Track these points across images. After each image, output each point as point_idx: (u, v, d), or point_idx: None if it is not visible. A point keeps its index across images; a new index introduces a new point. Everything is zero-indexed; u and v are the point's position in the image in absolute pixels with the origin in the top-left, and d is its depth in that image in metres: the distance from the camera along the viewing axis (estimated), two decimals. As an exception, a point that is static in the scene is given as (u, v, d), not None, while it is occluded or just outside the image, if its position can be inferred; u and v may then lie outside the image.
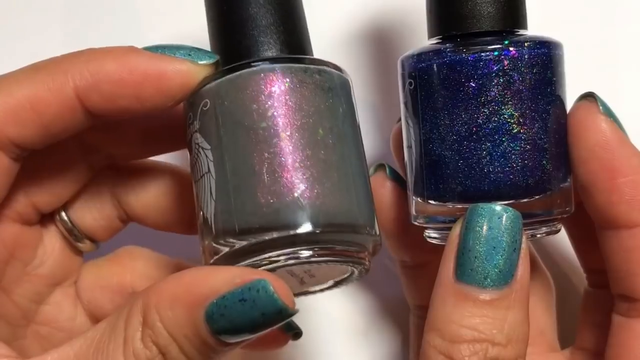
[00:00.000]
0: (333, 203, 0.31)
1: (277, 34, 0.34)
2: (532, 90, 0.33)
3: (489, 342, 0.31)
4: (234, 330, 0.30)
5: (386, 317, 0.46)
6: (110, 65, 0.32)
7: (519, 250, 0.32)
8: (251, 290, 0.29)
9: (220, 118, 0.32)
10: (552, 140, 0.34)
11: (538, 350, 0.40)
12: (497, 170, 0.33)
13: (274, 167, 0.31)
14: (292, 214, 0.31)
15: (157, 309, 0.30)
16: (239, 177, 0.32)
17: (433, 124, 0.34)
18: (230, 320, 0.30)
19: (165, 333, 0.30)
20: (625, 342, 0.35)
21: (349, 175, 0.32)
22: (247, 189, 0.31)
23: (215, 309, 0.30)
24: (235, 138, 0.32)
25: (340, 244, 0.32)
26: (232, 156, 0.32)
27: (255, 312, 0.29)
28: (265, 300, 0.29)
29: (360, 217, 0.32)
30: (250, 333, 0.30)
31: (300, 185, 0.31)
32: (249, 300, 0.29)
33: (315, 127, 0.32)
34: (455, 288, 0.32)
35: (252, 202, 0.31)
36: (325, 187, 0.31)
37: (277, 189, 0.31)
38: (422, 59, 0.34)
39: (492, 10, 0.34)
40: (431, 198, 0.35)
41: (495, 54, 0.33)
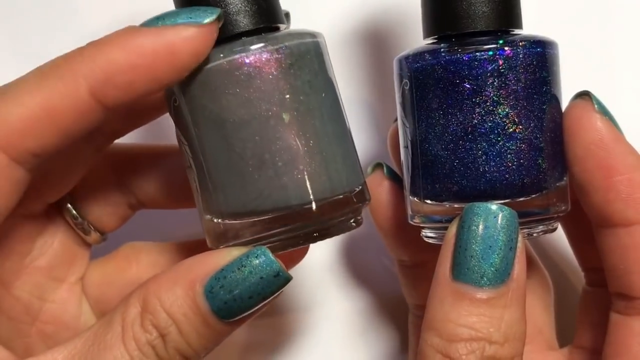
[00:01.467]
0: (317, 180, 0.32)
1: (235, 13, 0.32)
2: (527, 89, 0.33)
3: (486, 341, 0.31)
4: (233, 301, 0.31)
5: (385, 316, 0.46)
6: (119, 54, 0.31)
7: (515, 249, 0.32)
8: (249, 257, 0.31)
9: (189, 115, 0.32)
10: (548, 139, 0.34)
11: (536, 349, 0.40)
12: (492, 169, 0.33)
13: (247, 161, 0.31)
14: (277, 197, 0.32)
15: (156, 294, 0.31)
16: (215, 175, 0.32)
17: (429, 123, 0.34)
18: (229, 290, 0.31)
19: (164, 315, 0.31)
20: (622, 340, 0.35)
21: (323, 149, 0.32)
22: (225, 187, 0.32)
23: (214, 282, 0.31)
24: (205, 134, 0.32)
25: (337, 216, 0.33)
26: (205, 153, 0.32)
27: (254, 276, 0.31)
28: (264, 263, 0.31)
29: (347, 185, 0.33)
30: (249, 304, 0.31)
31: (275, 172, 0.32)
32: (247, 265, 0.31)
33: (279, 114, 0.32)
34: (452, 287, 0.32)
35: (233, 197, 0.32)
36: (303, 169, 0.32)
37: (252, 180, 0.32)
38: (417, 59, 0.34)
39: (487, 10, 0.34)
40: (427, 198, 0.35)
41: (490, 54, 0.33)
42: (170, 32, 0.31)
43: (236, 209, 0.32)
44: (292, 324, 0.45)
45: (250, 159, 0.32)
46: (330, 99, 0.33)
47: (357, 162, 0.34)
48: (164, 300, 0.31)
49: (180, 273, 0.32)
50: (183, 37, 0.31)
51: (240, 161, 0.32)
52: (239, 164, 0.32)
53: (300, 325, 0.45)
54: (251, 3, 0.32)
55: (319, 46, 0.33)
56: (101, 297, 0.40)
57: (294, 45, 0.32)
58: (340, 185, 0.33)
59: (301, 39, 0.32)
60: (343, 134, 0.34)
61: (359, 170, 0.34)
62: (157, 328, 0.31)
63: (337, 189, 0.33)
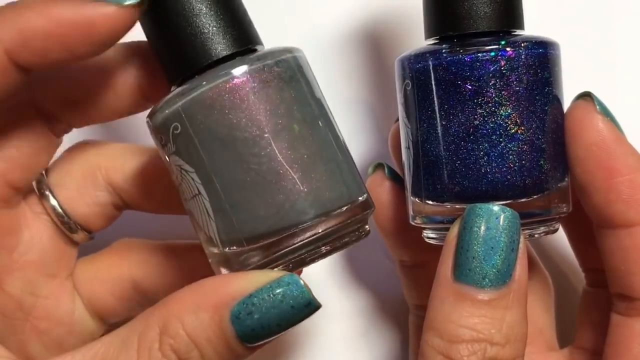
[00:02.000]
0: (327, 193, 0.32)
1: (223, 34, 0.33)
2: (529, 90, 0.33)
3: (488, 342, 0.31)
4: (260, 327, 0.30)
5: (385, 317, 0.46)
6: (36, 20, 0.31)
7: (517, 250, 0.32)
8: (281, 284, 0.30)
9: (196, 139, 0.32)
10: (550, 140, 0.34)
11: (537, 350, 0.40)
12: (494, 170, 0.33)
13: (263, 177, 0.31)
14: (294, 213, 0.31)
15: (179, 317, 0.30)
16: (232, 194, 0.32)
17: (430, 124, 0.34)
18: (259, 316, 0.30)
19: (187, 339, 0.30)
20: (623, 341, 0.35)
21: (331, 159, 0.33)
22: (243, 204, 0.32)
23: (242, 307, 0.30)
24: (217, 155, 0.32)
25: (344, 228, 0.33)
26: (219, 174, 0.32)
27: (285, 304, 0.30)
28: (296, 291, 0.30)
29: (353, 194, 0.33)
30: (277, 330, 0.31)
31: (292, 186, 0.31)
32: (279, 293, 0.30)
33: (290, 125, 0.32)
34: (453, 288, 0.32)
35: (251, 215, 0.31)
36: (315, 180, 0.32)
37: (271, 196, 0.31)
38: (419, 60, 0.34)
39: (488, 10, 0.34)
40: (429, 198, 0.35)
41: (492, 55, 0.33)
42: (90, 6, 0.31)
43: (255, 227, 0.32)
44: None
45: (267, 173, 0.31)
46: (326, 110, 0.34)
47: (358, 172, 0.34)
48: (187, 324, 0.30)
49: (205, 296, 0.31)
50: (102, 13, 0.31)
51: (257, 177, 0.31)
52: (256, 179, 0.31)
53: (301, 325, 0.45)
54: (237, 25, 0.33)
55: (303, 60, 0.34)
56: (93, 294, 0.40)
57: (289, 58, 0.33)
58: (350, 193, 0.33)
59: (292, 53, 0.33)
60: (343, 143, 0.34)
61: (360, 179, 0.34)
62: (176, 352, 0.30)
63: (349, 197, 0.33)
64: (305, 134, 0.32)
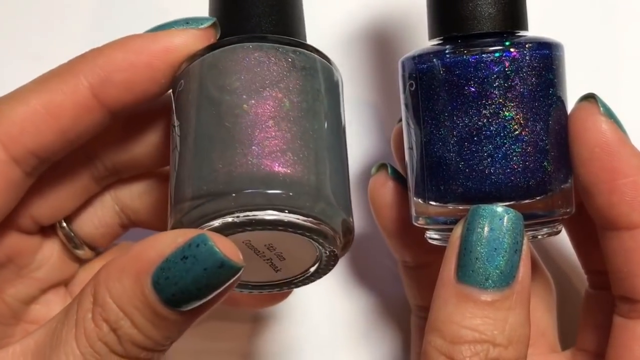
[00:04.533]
0: (292, 173, 0.31)
1: (266, 17, 0.34)
2: (533, 91, 0.33)
3: (490, 343, 0.31)
4: (181, 293, 0.29)
5: (387, 318, 0.46)
6: (118, 54, 0.32)
7: (520, 251, 0.32)
8: (191, 247, 0.29)
9: (190, 95, 0.32)
10: (553, 142, 0.34)
11: (539, 352, 0.40)
12: (498, 171, 0.33)
13: (232, 135, 0.31)
14: (248, 180, 0.31)
15: (105, 284, 0.30)
16: (198, 146, 0.31)
17: (434, 125, 0.34)
18: (175, 282, 0.29)
19: (115, 307, 0.30)
20: (626, 344, 0.35)
21: (314, 149, 0.32)
22: (203, 156, 0.31)
23: (160, 273, 0.29)
24: (200, 111, 0.32)
25: (297, 210, 0.31)
26: (195, 128, 0.32)
27: (197, 268, 0.29)
28: (205, 253, 0.29)
29: (323, 190, 0.32)
30: (198, 295, 0.29)
31: (258, 153, 0.31)
32: (189, 257, 0.29)
33: (281, 100, 0.32)
34: (456, 289, 0.32)
35: (207, 168, 0.31)
36: (285, 158, 0.31)
37: (232, 156, 0.31)
38: (423, 60, 0.34)
39: (492, 11, 0.34)
40: (432, 199, 0.35)
41: (497, 55, 0.33)
42: (168, 34, 0.33)
43: (203, 184, 0.31)
44: (295, 325, 0.45)
45: (237, 132, 0.31)
46: (335, 129, 0.33)
47: (349, 200, 0.33)
48: (113, 292, 0.29)
49: (129, 261, 0.30)
50: (181, 39, 0.33)
51: (227, 134, 0.31)
52: (226, 136, 0.31)
53: (302, 325, 0.45)
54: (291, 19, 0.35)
55: (336, 79, 0.35)
56: None
57: (317, 59, 0.34)
58: (324, 209, 0.31)
59: (327, 62, 0.34)
60: (341, 164, 0.33)
61: (348, 205, 0.33)
62: (107, 322, 0.30)
63: (320, 210, 0.31)
64: (295, 116, 0.32)
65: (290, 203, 0.31)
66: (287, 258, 0.33)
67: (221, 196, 0.31)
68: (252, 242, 0.32)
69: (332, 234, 0.32)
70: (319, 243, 0.32)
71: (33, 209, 0.36)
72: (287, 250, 0.33)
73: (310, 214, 0.31)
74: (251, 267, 0.32)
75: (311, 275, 0.34)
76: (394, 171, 0.39)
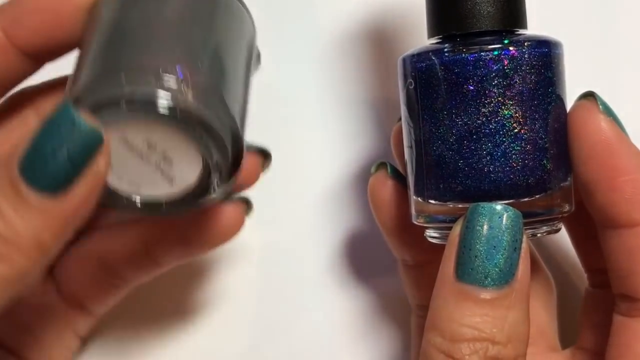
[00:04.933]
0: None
1: None
2: (532, 90, 0.33)
3: (489, 341, 0.31)
4: (41, 160, 0.28)
5: (387, 317, 0.46)
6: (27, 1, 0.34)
7: (520, 249, 0.32)
8: (51, 114, 0.28)
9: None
10: (553, 140, 0.34)
11: (539, 350, 0.40)
12: (497, 169, 0.33)
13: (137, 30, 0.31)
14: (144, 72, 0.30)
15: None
16: (109, 42, 0.32)
17: (433, 123, 0.34)
18: (35, 148, 0.28)
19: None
20: (626, 342, 0.35)
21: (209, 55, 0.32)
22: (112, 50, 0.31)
23: (28, 150, 0.28)
24: (130, 9, 0.33)
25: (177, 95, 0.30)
26: (116, 24, 0.32)
27: (50, 126, 0.28)
28: (58, 111, 0.28)
29: (213, 94, 0.30)
30: (53, 162, 0.28)
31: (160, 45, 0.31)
32: (47, 121, 0.28)
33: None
34: (455, 287, 0.32)
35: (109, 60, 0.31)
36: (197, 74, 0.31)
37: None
38: (421, 59, 0.34)
39: (491, 9, 0.34)
40: (431, 198, 0.35)
41: (495, 54, 0.33)
42: None
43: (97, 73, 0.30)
44: (293, 324, 0.45)
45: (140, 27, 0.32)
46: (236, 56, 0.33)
47: (242, 117, 0.32)
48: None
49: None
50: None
51: (138, 29, 0.32)
52: (136, 31, 0.32)
53: (301, 324, 0.45)
54: None
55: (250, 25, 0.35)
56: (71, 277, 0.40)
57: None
58: (212, 96, 0.30)
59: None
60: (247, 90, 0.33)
61: (241, 119, 0.32)
62: None
63: (207, 98, 0.30)
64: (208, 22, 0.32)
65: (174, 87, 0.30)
66: (175, 162, 0.31)
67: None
68: (129, 139, 0.31)
69: (214, 127, 0.30)
70: (200, 140, 0.30)
71: None
72: (170, 150, 0.31)
73: (189, 101, 0.30)
74: (140, 171, 0.31)
75: (207, 187, 0.32)
76: (393, 170, 0.39)
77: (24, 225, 0.28)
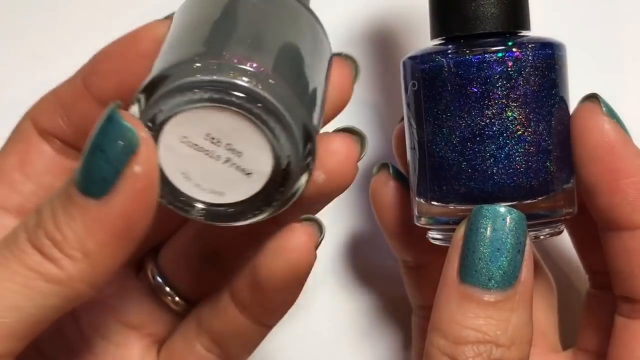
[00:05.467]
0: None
1: None
2: (536, 91, 0.33)
3: (493, 344, 0.31)
4: (88, 163, 0.27)
5: (388, 318, 0.46)
6: (108, 47, 0.35)
7: (523, 252, 0.32)
8: (100, 117, 0.28)
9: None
10: (556, 142, 0.34)
11: (540, 351, 0.40)
12: (500, 171, 0.33)
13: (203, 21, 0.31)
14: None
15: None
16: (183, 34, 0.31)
17: (436, 125, 0.34)
18: (86, 151, 0.28)
19: (48, 199, 0.29)
20: (627, 344, 0.35)
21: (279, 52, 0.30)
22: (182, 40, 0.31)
23: (83, 153, 0.28)
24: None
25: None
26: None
27: (98, 129, 0.27)
28: (104, 113, 0.28)
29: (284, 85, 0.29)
30: (95, 159, 0.27)
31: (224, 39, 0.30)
32: (96, 124, 0.28)
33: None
34: (459, 289, 0.32)
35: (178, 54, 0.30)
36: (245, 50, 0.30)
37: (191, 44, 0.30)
38: (425, 60, 0.34)
39: (495, 11, 0.34)
40: (434, 199, 0.35)
41: (499, 56, 0.33)
42: (148, 25, 0.34)
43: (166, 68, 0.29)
44: (294, 324, 0.45)
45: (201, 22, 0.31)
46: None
47: (318, 110, 0.31)
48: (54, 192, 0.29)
49: None
50: (145, 27, 0.34)
51: (198, 23, 0.31)
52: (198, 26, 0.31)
53: (302, 325, 0.45)
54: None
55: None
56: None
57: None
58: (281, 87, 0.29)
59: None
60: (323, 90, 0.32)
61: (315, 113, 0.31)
62: (36, 209, 0.29)
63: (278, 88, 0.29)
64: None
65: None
66: (244, 152, 0.30)
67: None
68: (190, 137, 0.29)
69: (284, 116, 0.29)
70: (268, 129, 0.29)
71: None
72: (237, 141, 0.29)
73: (258, 90, 0.29)
74: (212, 170, 0.30)
75: (285, 178, 0.30)
76: (395, 171, 0.39)
77: (70, 228, 0.28)
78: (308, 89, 0.31)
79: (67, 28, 0.45)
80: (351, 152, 0.33)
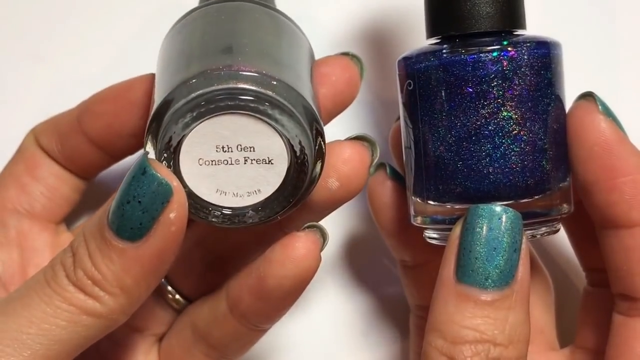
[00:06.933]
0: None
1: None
2: (531, 90, 0.33)
3: (491, 343, 0.31)
4: (121, 210, 0.30)
5: (386, 317, 0.46)
6: (105, 90, 0.38)
7: (520, 250, 0.32)
8: (132, 166, 0.30)
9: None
10: (552, 141, 0.34)
11: (537, 349, 0.40)
12: (496, 171, 0.33)
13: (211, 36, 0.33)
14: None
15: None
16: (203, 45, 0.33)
17: (432, 124, 0.34)
18: (118, 199, 0.30)
19: (81, 236, 0.31)
20: (625, 342, 0.35)
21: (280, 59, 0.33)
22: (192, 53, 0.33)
23: (115, 200, 0.30)
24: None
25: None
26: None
27: (128, 176, 0.30)
28: (135, 163, 0.30)
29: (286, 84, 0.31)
30: (131, 210, 0.30)
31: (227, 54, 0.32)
32: (128, 173, 0.30)
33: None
34: (456, 289, 0.32)
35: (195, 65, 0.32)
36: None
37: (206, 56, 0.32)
38: (420, 60, 0.34)
39: (490, 10, 0.34)
40: (430, 199, 0.35)
41: (494, 55, 0.33)
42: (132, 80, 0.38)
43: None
44: (293, 324, 0.45)
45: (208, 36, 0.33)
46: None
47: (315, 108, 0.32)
48: (86, 225, 0.32)
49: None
50: (139, 78, 0.37)
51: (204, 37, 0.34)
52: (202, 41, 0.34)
53: (300, 325, 0.45)
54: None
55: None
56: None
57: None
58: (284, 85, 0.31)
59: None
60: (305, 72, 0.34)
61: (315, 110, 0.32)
62: (71, 247, 0.31)
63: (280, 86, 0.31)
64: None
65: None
66: (254, 145, 0.31)
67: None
68: (204, 158, 0.31)
69: (278, 100, 0.31)
70: (267, 116, 0.31)
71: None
72: (243, 139, 0.31)
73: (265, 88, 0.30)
74: (234, 175, 0.31)
75: (301, 167, 0.32)
76: (392, 171, 0.39)
77: (108, 268, 0.30)
78: (296, 75, 0.32)
79: (67, 28, 0.45)
80: (363, 159, 0.35)
